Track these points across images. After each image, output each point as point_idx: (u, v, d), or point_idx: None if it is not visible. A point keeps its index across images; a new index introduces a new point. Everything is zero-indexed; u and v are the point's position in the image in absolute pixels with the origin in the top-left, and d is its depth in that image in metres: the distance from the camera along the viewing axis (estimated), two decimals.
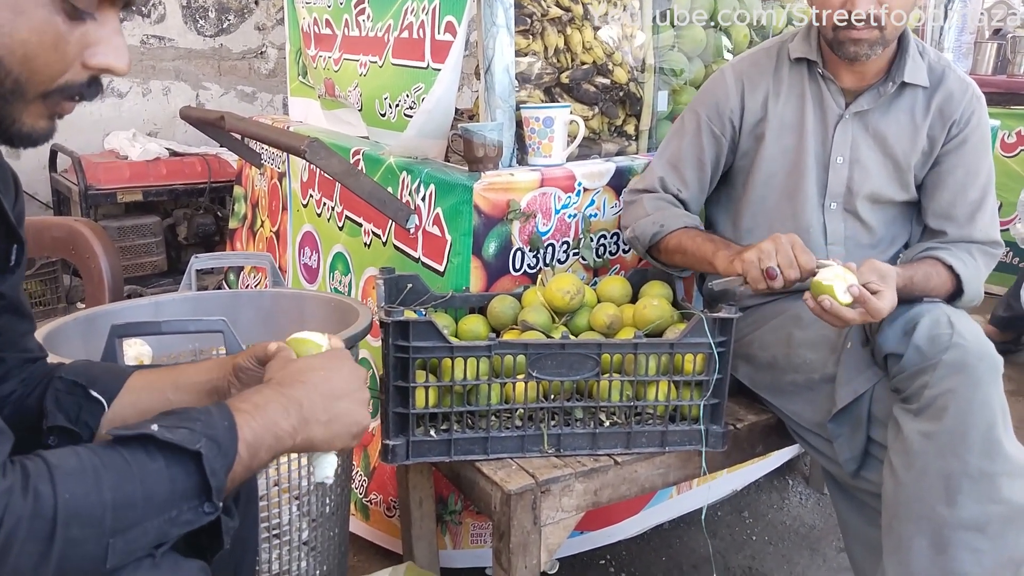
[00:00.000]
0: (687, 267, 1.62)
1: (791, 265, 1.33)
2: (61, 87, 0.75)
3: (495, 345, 1.33)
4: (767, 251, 1.35)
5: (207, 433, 0.75)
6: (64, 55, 0.74)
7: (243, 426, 0.79)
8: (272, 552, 1.38)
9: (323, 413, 0.86)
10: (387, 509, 1.83)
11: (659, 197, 1.62)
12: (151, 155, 3.39)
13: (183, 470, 0.73)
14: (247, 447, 0.78)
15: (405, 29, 1.83)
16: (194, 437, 0.74)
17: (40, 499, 0.66)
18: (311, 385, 0.87)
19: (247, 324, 1.58)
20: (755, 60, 1.63)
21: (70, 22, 0.74)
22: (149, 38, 3.91)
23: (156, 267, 3.45)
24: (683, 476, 1.50)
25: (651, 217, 1.59)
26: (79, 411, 0.96)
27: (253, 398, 0.83)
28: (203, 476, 0.74)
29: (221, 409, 0.80)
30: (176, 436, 0.74)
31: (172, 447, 0.73)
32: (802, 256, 1.34)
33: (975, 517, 1.25)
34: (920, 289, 1.41)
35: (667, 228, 1.57)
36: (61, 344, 1.36)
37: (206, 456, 0.74)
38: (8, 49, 0.71)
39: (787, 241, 1.35)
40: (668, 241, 1.57)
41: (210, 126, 2.15)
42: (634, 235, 1.62)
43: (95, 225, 2.18)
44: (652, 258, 1.64)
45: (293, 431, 0.83)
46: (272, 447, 0.82)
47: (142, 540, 0.71)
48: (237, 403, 0.82)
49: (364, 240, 1.92)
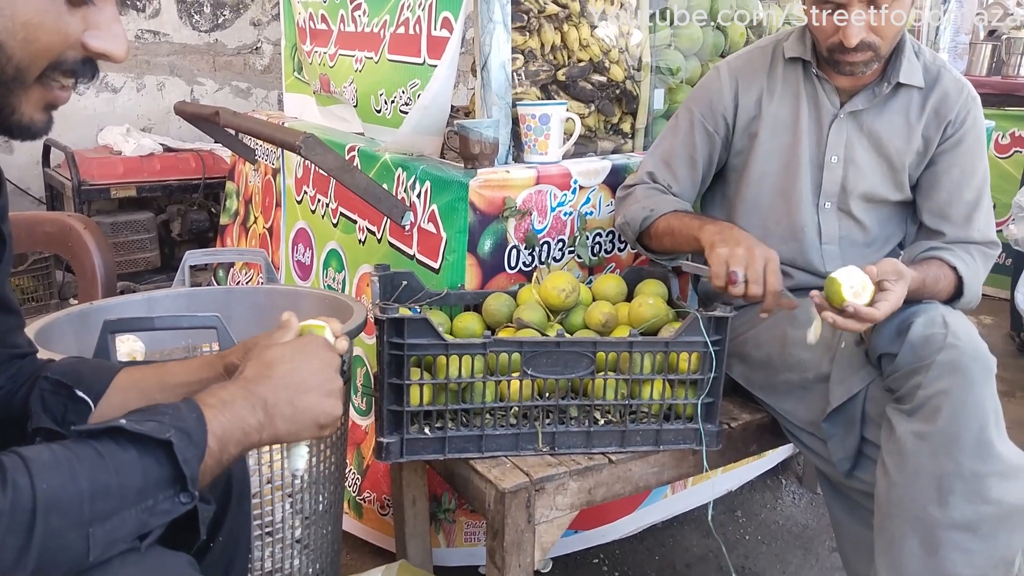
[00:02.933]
0: (675, 250, 1.58)
1: (757, 281, 1.31)
2: (57, 62, 0.75)
3: (490, 343, 1.33)
4: (738, 257, 1.32)
5: (176, 425, 0.76)
6: (65, 38, 0.75)
7: (211, 420, 0.80)
8: (265, 550, 1.38)
9: (287, 407, 0.87)
10: (381, 507, 1.82)
11: (650, 187, 1.62)
12: (145, 151, 3.37)
13: (155, 460, 0.74)
14: (216, 440, 0.79)
15: (401, 25, 1.83)
16: (163, 428, 0.75)
17: (18, 490, 0.66)
18: (277, 379, 0.87)
19: (241, 320, 1.57)
20: (750, 58, 1.63)
21: (70, 7, 0.74)
22: (144, 33, 3.89)
23: (149, 263, 3.44)
24: (677, 475, 1.50)
25: (641, 203, 1.58)
26: (65, 412, 0.96)
27: (220, 394, 0.84)
28: (176, 465, 0.75)
29: (189, 404, 0.81)
30: (145, 428, 0.75)
31: (142, 438, 0.74)
32: (771, 277, 1.32)
33: (966, 518, 1.25)
34: (930, 291, 1.40)
35: (657, 212, 1.56)
36: (54, 340, 1.36)
37: (177, 445, 0.75)
38: (9, 32, 0.71)
39: (762, 257, 1.32)
40: (658, 224, 1.55)
41: (205, 122, 2.14)
42: (624, 221, 1.60)
43: (88, 220, 2.17)
44: (643, 246, 1.63)
45: (260, 426, 0.84)
46: (240, 441, 0.83)
47: (122, 530, 0.72)
48: (205, 398, 0.83)
49: (359, 237, 1.91)
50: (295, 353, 0.91)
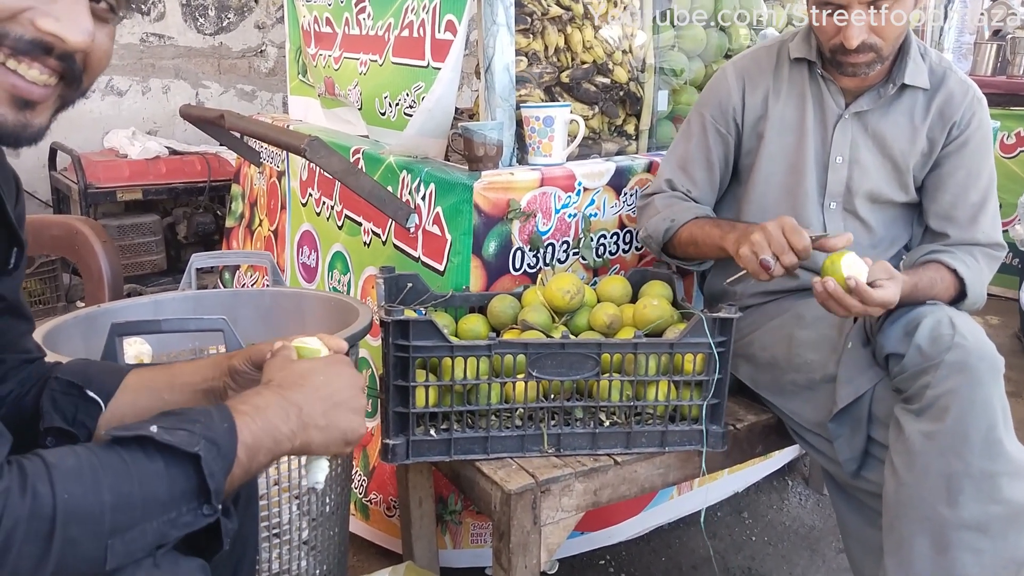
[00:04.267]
0: (702, 258, 1.62)
1: (784, 251, 1.33)
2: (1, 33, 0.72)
3: (495, 344, 1.33)
4: (759, 243, 1.34)
5: (206, 435, 0.75)
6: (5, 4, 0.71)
7: (243, 429, 0.79)
8: (272, 551, 1.38)
9: (321, 418, 0.86)
10: (387, 509, 1.82)
11: (669, 195, 1.63)
12: (151, 153, 3.39)
13: (182, 472, 0.73)
14: (246, 450, 0.78)
15: (405, 28, 1.83)
16: (193, 439, 0.74)
17: (39, 499, 0.65)
18: (311, 389, 0.87)
19: (247, 323, 1.57)
20: (756, 58, 1.63)
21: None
22: (148, 36, 3.91)
23: (156, 266, 3.45)
24: (683, 476, 1.50)
25: (662, 214, 1.59)
26: (76, 412, 0.96)
27: (254, 400, 0.83)
28: (202, 478, 0.74)
29: (222, 411, 0.79)
30: (175, 438, 0.73)
31: (171, 449, 0.73)
32: (794, 238, 1.33)
33: (976, 517, 1.25)
34: (924, 294, 1.40)
35: (678, 222, 1.57)
36: (61, 342, 1.36)
37: (205, 459, 0.73)
38: None
39: (776, 228, 1.34)
40: (680, 235, 1.57)
41: (210, 124, 2.15)
42: (647, 234, 1.61)
43: (95, 223, 2.17)
44: (668, 256, 1.63)
45: (292, 435, 0.83)
46: (271, 450, 0.82)
47: (141, 541, 0.71)
48: (237, 404, 0.82)
49: (364, 239, 1.92)
50: (327, 367, 0.91)
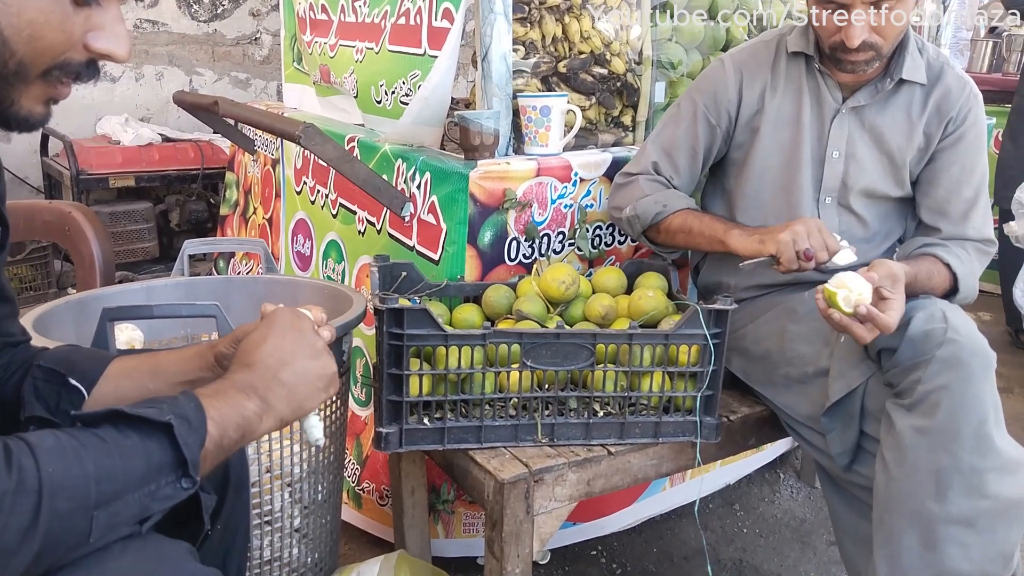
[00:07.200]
0: (687, 247, 1.64)
1: (823, 248, 1.38)
2: (61, 64, 0.76)
3: (489, 334, 1.33)
4: (800, 233, 1.38)
5: (175, 411, 0.77)
6: (69, 36, 0.76)
7: (208, 407, 0.80)
8: (264, 539, 1.38)
9: (280, 387, 0.87)
10: (379, 498, 1.82)
11: (654, 179, 1.63)
12: (143, 140, 3.37)
13: (157, 444, 0.75)
14: (215, 425, 0.80)
15: (402, 15, 1.82)
16: (162, 412, 0.76)
17: (24, 472, 0.66)
18: (260, 365, 0.88)
19: (240, 309, 1.57)
20: (754, 51, 1.63)
21: (75, 7, 0.75)
22: (142, 22, 3.88)
23: (148, 253, 3.44)
24: (676, 467, 1.50)
25: (652, 197, 1.59)
26: (58, 400, 0.96)
27: (213, 386, 0.85)
28: (177, 450, 0.75)
29: (186, 394, 0.82)
30: (145, 412, 0.75)
31: (142, 421, 0.75)
32: (829, 239, 1.39)
33: (964, 512, 1.25)
34: (922, 287, 1.42)
35: (670, 208, 1.58)
36: (52, 328, 1.35)
37: (177, 429, 0.75)
38: (15, 29, 0.72)
39: (816, 225, 1.40)
40: (671, 221, 1.58)
41: (204, 111, 2.14)
42: (634, 213, 1.61)
43: (87, 209, 2.16)
44: (647, 239, 1.64)
45: (259, 411, 0.85)
46: (240, 425, 0.83)
47: (125, 513, 0.72)
48: (200, 389, 0.84)
49: (358, 228, 1.91)
50: (266, 333, 0.91)
